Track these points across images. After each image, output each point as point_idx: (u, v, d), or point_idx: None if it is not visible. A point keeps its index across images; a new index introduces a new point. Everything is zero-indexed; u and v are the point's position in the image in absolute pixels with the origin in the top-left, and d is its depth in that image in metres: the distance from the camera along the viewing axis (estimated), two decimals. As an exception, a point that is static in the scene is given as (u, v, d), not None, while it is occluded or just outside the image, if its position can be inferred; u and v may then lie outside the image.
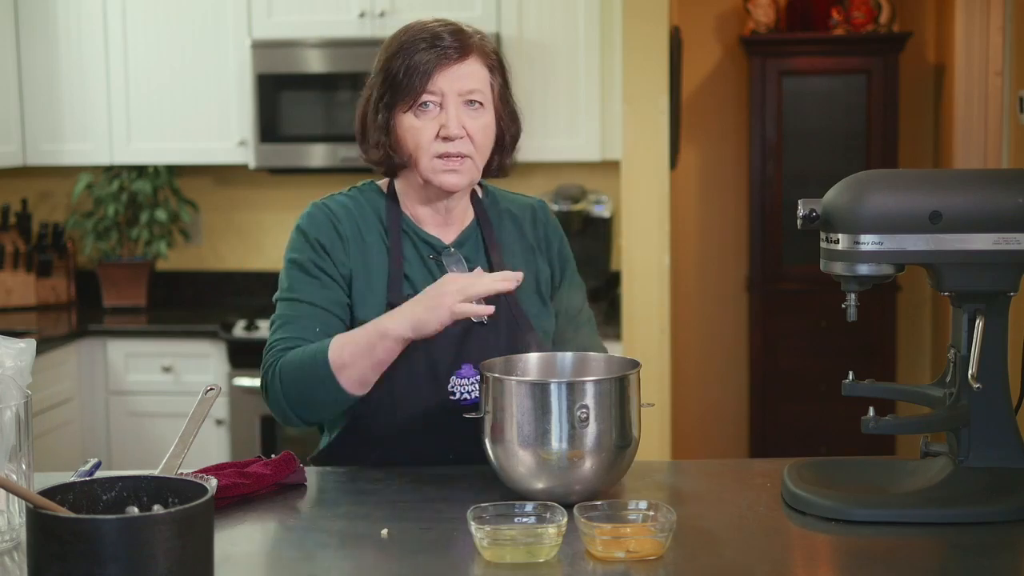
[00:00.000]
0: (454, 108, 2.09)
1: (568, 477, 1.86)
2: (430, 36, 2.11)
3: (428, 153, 2.10)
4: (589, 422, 1.84)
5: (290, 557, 1.72)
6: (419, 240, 2.18)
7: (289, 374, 2.05)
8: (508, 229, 2.24)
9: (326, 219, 2.17)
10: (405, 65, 2.09)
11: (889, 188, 1.84)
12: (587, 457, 1.85)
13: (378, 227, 2.17)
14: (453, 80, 2.09)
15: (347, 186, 2.32)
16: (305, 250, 2.15)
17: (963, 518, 1.79)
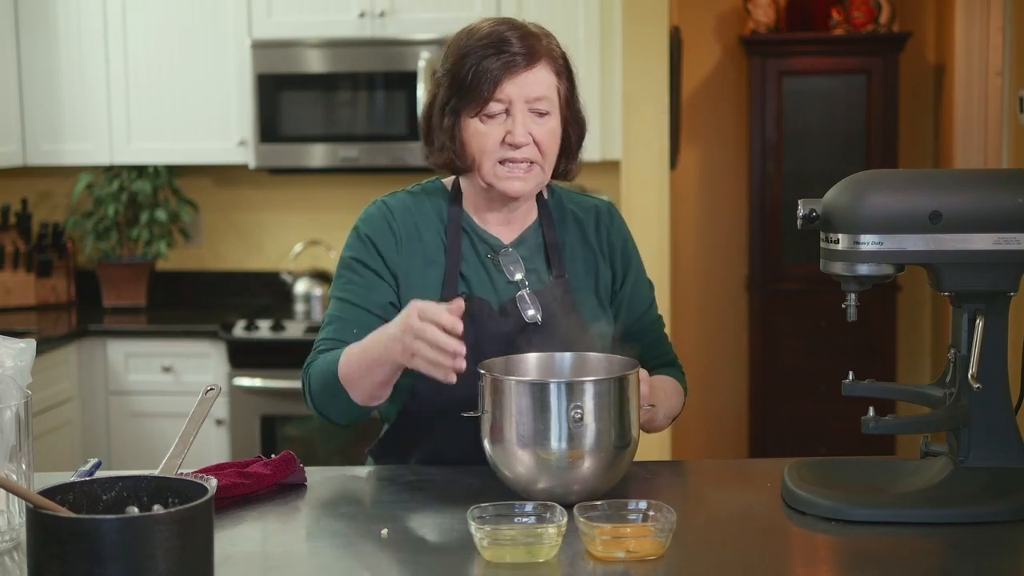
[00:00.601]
0: (521, 115, 2.07)
1: (567, 477, 1.85)
2: (498, 41, 2.08)
3: (492, 158, 2.09)
4: (584, 423, 1.84)
5: (290, 557, 1.72)
6: (478, 239, 2.17)
7: (315, 379, 2.08)
8: (571, 231, 2.23)
9: (381, 216, 2.18)
10: (473, 71, 2.07)
11: (889, 188, 1.84)
12: (586, 457, 1.85)
13: (437, 225, 2.17)
14: (521, 87, 2.07)
15: (348, 186, 2.32)
16: (357, 248, 2.16)
17: (963, 518, 1.79)
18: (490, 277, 2.15)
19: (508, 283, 2.15)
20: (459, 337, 1.85)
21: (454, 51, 2.12)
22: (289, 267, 4.90)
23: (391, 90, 4.46)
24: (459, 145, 2.11)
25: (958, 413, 1.86)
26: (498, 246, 2.17)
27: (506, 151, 2.08)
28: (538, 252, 2.19)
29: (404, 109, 4.44)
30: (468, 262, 2.15)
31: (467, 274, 2.14)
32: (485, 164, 2.09)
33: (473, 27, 2.16)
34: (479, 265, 2.15)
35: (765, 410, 5.49)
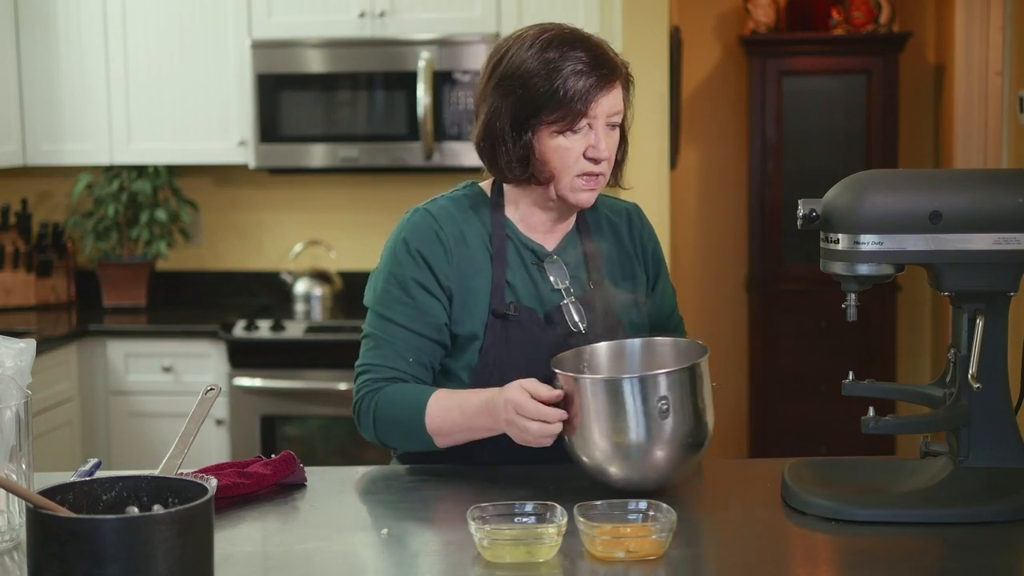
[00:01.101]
0: (603, 130, 2.07)
1: (651, 467, 1.87)
2: (589, 58, 2.05)
3: (571, 172, 2.08)
4: (669, 413, 1.86)
5: (290, 557, 1.72)
6: (522, 246, 2.16)
7: (385, 418, 2.07)
8: (607, 235, 2.23)
9: (428, 227, 2.13)
10: (565, 87, 2.03)
11: (889, 188, 1.84)
12: (667, 446, 1.87)
13: (482, 231, 2.15)
14: (608, 104, 2.07)
15: (348, 186, 2.31)
16: (407, 264, 2.12)
17: (963, 518, 1.79)
18: (535, 285, 2.14)
19: (552, 291, 2.14)
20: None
21: (535, 63, 2.06)
22: (289, 267, 4.90)
23: (391, 90, 4.46)
24: (540, 159, 2.08)
25: (958, 413, 1.86)
26: (543, 253, 2.16)
27: (587, 165, 2.07)
28: (578, 259, 2.19)
29: (404, 109, 4.44)
30: (514, 270, 2.14)
31: (513, 282, 2.13)
32: (564, 178, 2.08)
33: (546, 37, 2.08)
34: (524, 273, 2.14)
35: (765, 410, 5.49)
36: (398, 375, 2.10)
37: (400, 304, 2.11)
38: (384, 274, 2.15)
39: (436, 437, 2.04)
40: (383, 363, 2.10)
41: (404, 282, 2.12)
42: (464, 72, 4.40)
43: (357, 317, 4.52)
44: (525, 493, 1.94)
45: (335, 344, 4.33)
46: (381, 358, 2.11)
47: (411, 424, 2.04)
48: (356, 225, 4.90)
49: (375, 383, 2.10)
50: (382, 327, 2.12)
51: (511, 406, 1.92)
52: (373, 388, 2.09)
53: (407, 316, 2.11)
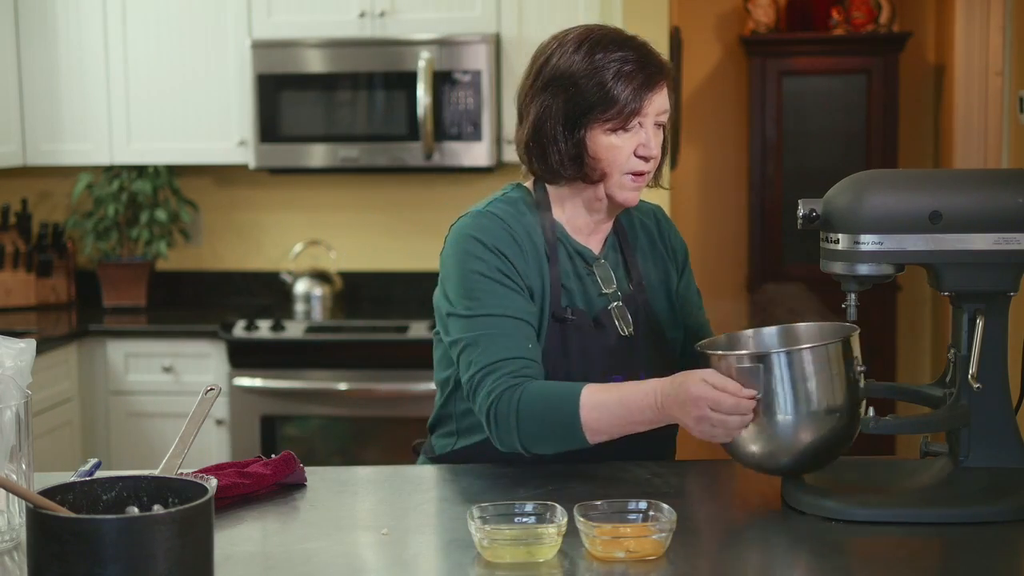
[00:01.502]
0: (652, 128, 2.08)
1: (840, 435, 1.86)
2: (637, 56, 2.06)
3: (621, 171, 2.08)
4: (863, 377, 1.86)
5: (290, 557, 1.72)
6: (572, 250, 2.15)
7: (532, 417, 1.96)
8: (641, 236, 2.23)
9: (499, 227, 2.09)
10: (617, 85, 2.04)
11: (889, 188, 1.84)
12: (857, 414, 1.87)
13: (538, 233, 2.13)
14: (657, 102, 2.08)
15: (348, 186, 2.31)
16: (489, 259, 2.06)
17: (963, 518, 1.79)
18: (584, 288, 2.13)
19: (599, 295, 2.14)
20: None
21: (585, 63, 2.07)
22: (289, 267, 4.90)
23: (391, 90, 4.46)
24: (591, 158, 2.08)
25: (958, 413, 1.86)
26: (591, 257, 2.16)
27: (637, 163, 2.08)
28: (617, 262, 2.19)
29: (404, 109, 4.44)
30: (567, 274, 2.13)
31: (567, 285, 2.12)
32: (614, 176, 2.08)
33: (594, 38, 2.10)
34: (575, 276, 2.14)
35: (765, 410, 5.48)
36: (527, 364, 2.00)
37: (495, 296, 2.04)
38: (461, 276, 2.07)
39: (591, 434, 1.95)
40: (505, 356, 2.00)
41: (491, 274, 2.05)
42: (464, 72, 4.40)
43: (357, 317, 4.53)
44: (525, 493, 1.94)
45: (335, 344, 4.33)
46: (500, 352, 2.00)
47: (563, 421, 1.94)
48: (356, 225, 4.90)
49: (510, 380, 1.99)
50: (484, 324, 2.03)
51: (703, 403, 1.83)
52: (510, 385, 1.98)
53: (507, 304, 2.04)
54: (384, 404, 4.29)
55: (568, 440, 1.97)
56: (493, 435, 2.01)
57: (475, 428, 2.12)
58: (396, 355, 4.30)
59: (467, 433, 2.16)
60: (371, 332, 4.34)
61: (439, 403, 2.21)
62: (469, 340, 2.03)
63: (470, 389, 2.03)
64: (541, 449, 2.01)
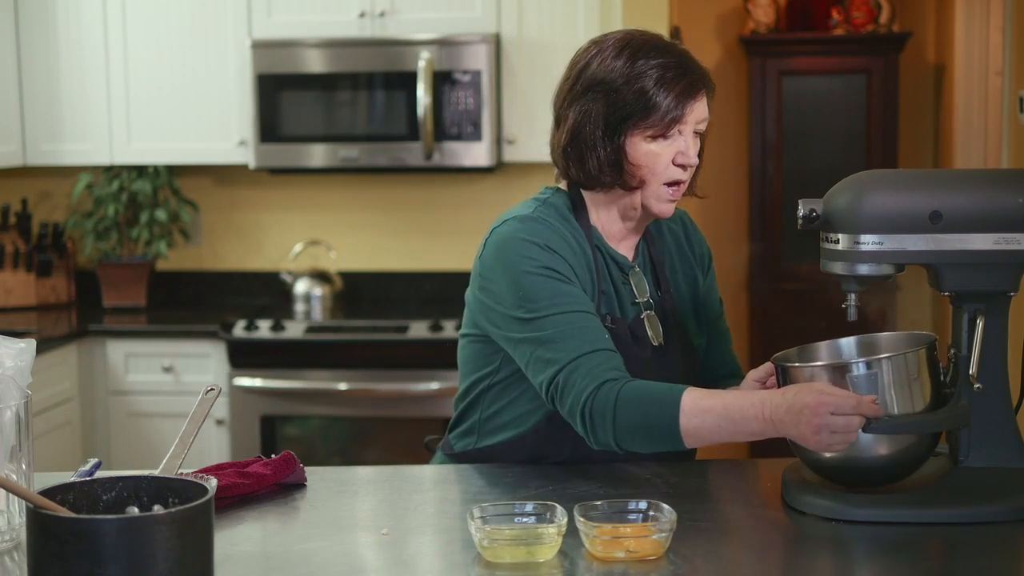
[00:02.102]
0: (691, 137, 2.08)
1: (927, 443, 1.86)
2: (677, 63, 2.05)
3: (660, 179, 2.07)
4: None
5: (290, 557, 1.72)
6: (608, 257, 2.14)
7: (630, 413, 1.92)
8: (669, 242, 2.23)
9: (548, 230, 2.06)
10: (658, 91, 2.03)
11: (889, 188, 1.84)
12: None
13: (580, 237, 2.10)
14: (697, 111, 2.07)
15: (348, 186, 2.30)
16: (543, 258, 2.02)
17: (963, 518, 1.79)
18: (619, 296, 2.12)
19: (632, 304, 2.13)
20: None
21: (620, 69, 2.05)
22: (289, 267, 4.90)
23: (391, 90, 4.46)
24: (630, 164, 2.06)
25: (958, 413, 1.86)
26: (626, 265, 2.15)
27: (675, 172, 2.07)
28: (646, 269, 2.18)
29: (404, 109, 4.44)
30: (604, 280, 2.12)
31: (606, 291, 2.11)
32: (652, 184, 2.07)
33: (636, 43, 2.08)
34: (610, 283, 2.12)
35: (765, 410, 5.48)
36: (612, 357, 1.96)
37: (559, 294, 2.00)
38: (518, 278, 2.02)
39: (688, 438, 1.91)
40: (589, 350, 1.96)
41: (549, 273, 2.01)
42: (464, 72, 4.40)
43: (357, 317, 4.53)
44: (525, 493, 1.94)
45: (335, 344, 4.33)
46: (583, 346, 1.96)
47: (662, 423, 1.90)
48: (356, 225, 4.90)
49: (603, 374, 1.94)
50: (555, 323, 1.98)
51: (824, 408, 1.77)
52: (607, 379, 1.93)
53: (574, 300, 2.00)
54: (384, 404, 4.29)
55: (665, 442, 1.92)
56: (587, 432, 1.95)
57: (499, 429, 2.12)
58: (396, 355, 4.30)
59: (490, 434, 2.15)
60: (371, 332, 4.34)
61: (463, 403, 2.19)
62: (541, 339, 1.98)
63: (554, 388, 1.97)
64: (636, 448, 1.96)
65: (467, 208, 4.82)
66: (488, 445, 2.15)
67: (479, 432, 2.17)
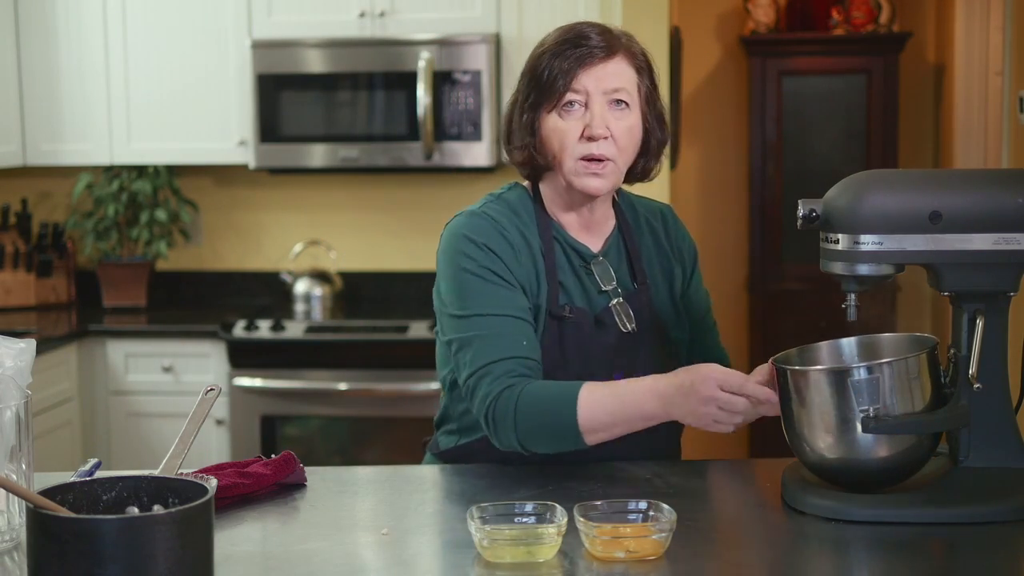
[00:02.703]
0: (599, 107, 2.06)
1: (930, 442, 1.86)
2: (575, 36, 2.09)
3: (572, 155, 2.07)
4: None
5: (290, 557, 1.72)
6: (569, 247, 2.14)
7: (529, 414, 1.96)
8: (647, 236, 2.22)
9: (492, 228, 2.09)
10: (550, 65, 2.07)
11: (889, 188, 1.84)
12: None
13: (534, 231, 2.12)
14: (598, 79, 2.07)
15: (348, 186, 2.31)
16: (480, 257, 2.06)
17: (963, 518, 1.79)
18: (583, 286, 2.13)
19: (600, 293, 2.14)
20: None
21: (535, 50, 2.13)
22: (289, 267, 4.90)
23: (391, 90, 4.46)
24: (539, 142, 2.09)
25: (958, 413, 1.86)
26: (588, 255, 2.15)
27: (585, 146, 2.06)
28: (621, 259, 2.18)
29: (404, 109, 4.44)
30: (563, 271, 2.13)
31: (565, 283, 2.12)
32: (566, 161, 2.07)
33: (558, 28, 2.16)
34: (572, 274, 2.13)
35: (765, 410, 5.48)
36: (524, 363, 2.00)
37: (486, 295, 2.04)
38: (454, 275, 2.07)
39: (588, 434, 1.95)
40: (500, 357, 2.00)
41: (482, 273, 2.05)
42: (464, 72, 4.40)
43: (357, 317, 4.53)
44: (525, 493, 1.94)
45: (335, 344, 4.33)
46: (495, 352, 2.01)
47: (560, 421, 1.94)
48: (356, 225, 4.90)
49: (507, 380, 1.99)
50: (477, 325, 2.03)
51: (712, 382, 1.85)
52: (508, 385, 1.98)
53: (501, 303, 2.03)
54: (384, 404, 4.29)
55: (566, 440, 1.97)
56: (492, 435, 2.01)
57: (475, 426, 2.13)
58: (396, 355, 4.30)
59: (468, 431, 2.16)
60: (371, 332, 4.34)
61: (443, 401, 2.22)
62: (463, 341, 2.04)
63: (467, 390, 2.04)
64: (540, 448, 2.01)
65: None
66: (468, 442, 2.16)
67: (459, 431, 2.18)
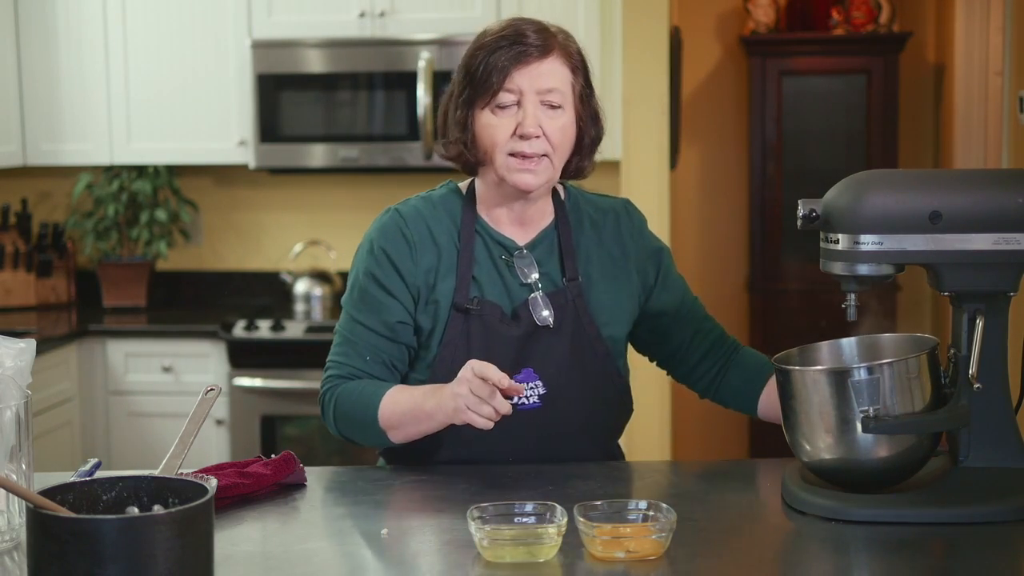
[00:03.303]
0: (532, 107, 2.07)
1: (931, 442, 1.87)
2: (512, 33, 2.09)
3: (503, 151, 2.08)
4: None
5: (290, 557, 1.72)
6: (492, 241, 2.15)
7: (342, 411, 2.13)
8: (587, 233, 2.21)
9: (394, 226, 2.16)
10: (485, 62, 2.07)
11: (889, 188, 1.84)
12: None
13: (451, 229, 2.15)
14: (533, 79, 2.07)
15: (348, 186, 2.33)
16: (370, 264, 2.16)
17: (963, 518, 1.79)
18: (503, 280, 2.13)
19: (522, 286, 2.13)
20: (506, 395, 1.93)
21: (472, 45, 2.13)
22: (289, 267, 4.90)
23: (391, 90, 4.46)
24: (471, 138, 2.10)
25: (958, 413, 1.86)
26: (512, 247, 2.16)
27: (516, 143, 2.07)
28: (552, 254, 2.17)
29: (404, 109, 4.44)
30: (481, 265, 2.13)
31: (479, 277, 2.13)
32: (497, 157, 2.08)
33: (495, 23, 2.16)
34: (492, 268, 2.14)
35: (765, 410, 5.48)
36: (356, 372, 2.14)
37: (361, 304, 2.15)
38: (353, 274, 2.20)
39: (389, 431, 2.06)
40: (344, 360, 2.16)
41: (366, 283, 2.15)
42: (464, 72, 4.39)
43: (357, 317, 4.53)
44: (525, 493, 1.94)
45: (335, 344, 4.33)
46: (343, 356, 2.16)
47: (365, 418, 2.07)
48: (356, 225, 4.88)
49: (335, 380, 2.15)
50: (347, 326, 2.17)
51: (468, 366, 1.93)
52: (333, 385, 2.15)
53: (366, 315, 2.14)
54: (384, 404, 4.29)
55: (374, 437, 2.09)
56: (325, 423, 2.19)
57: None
58: (396, 355, 4.30)
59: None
60: (371, 332, 4.34)
61: None
62: (336, 332, 2.20)
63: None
64: (354, 439, 2.15)
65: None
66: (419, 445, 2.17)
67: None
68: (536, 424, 2.09)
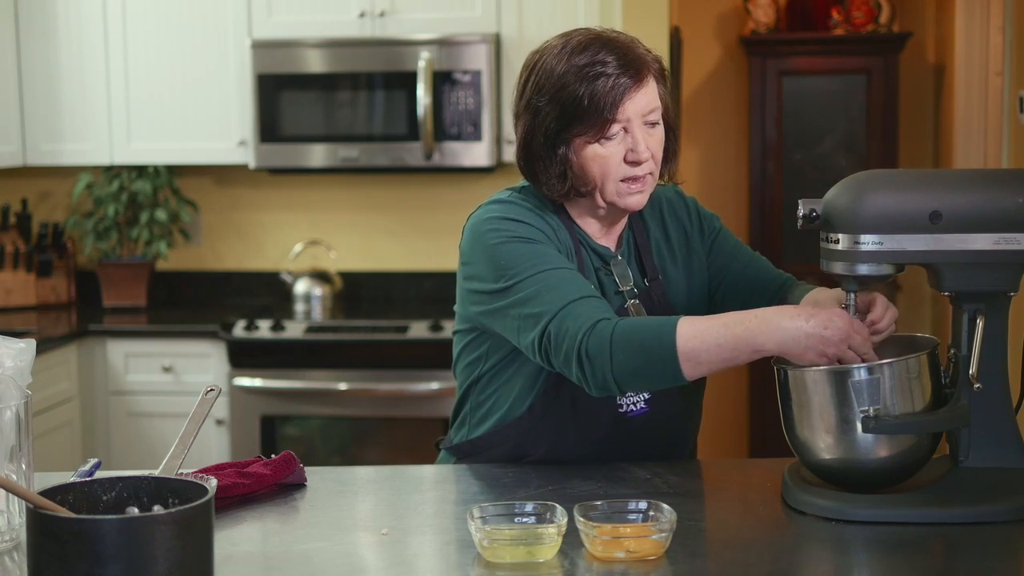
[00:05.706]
0: (640, 132, 2.03)
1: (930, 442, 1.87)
2: (603, 59, 2.01)
3: (613, 179, 2.04)
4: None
5: (290, 557, 1.72)
6: (590, 249, 2.12)
7: (625, 347, 1.87)
8: (653, 228, 2.20)
9: (520, 207, 2.07)
10: (589, 93, 1.99)
11: (889, 188, 1.84)
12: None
13: (558, 226, 2.10)
14: (639, 106, 2.02)
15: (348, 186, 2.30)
16: (517, 229, 2.02)
17: (963, 518, 1.79)
18: (602, 287, 2.11)
19: (616, 293, 2.12)
20: None
21: (549, 71, 2.04)
22: (289, 267, 4.90)
23: (391, 90, 4.46)
24: (578, 171, 2.04)
25: (958, 413, 1.86)
26: (608, 256, 2.14)
27: (628, 169, 2.04)
28: (632, 257, 2.17)
29: (404, 109, 4.44)
30: (588, 270, 2.11)
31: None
32: (608, 185, 2.04)
33: (571, 44, 2.05)
34: (593, 276, 2.11)
35: (765, 410, 5.49)
36: (598, 302, 1.94)
37: (537, 255, 1.99)
38: (492, 251, 2.02)
39: (687, 363, 1.86)
40: (577, 296, 1.93)
41: (520, 239, 2.01)
42: (464, 72, 4.40)
43: (357, 317, 4.53)
44: (525, 493, 1.94)
45: (335, 344, 4.33)
46: (570, 293, 1.93)
47: (658, 351, 1.85)
48: (356, 225, 4.90)
49: (597, 314, 1.91)
50: (536, 281, 1.96)
51: (842, 330, 1.82)
52: (600, 319, 1.90)
53: (554, 259, 1.98)
54: (384, 404, 4.29)
55: (664, 371, 1.87)
56: (583, 373, 1.90)
57: (484, 418, 2.14)
58: (396, 355, 4.30)
59: (478, 424, 2.17)
60: (371, 332, 4.34)
61: (458, 396, 2.22)
62: (525, 298, 1.96)
63: (545, 340, 1.93)
64: (634, 385, 1.93)
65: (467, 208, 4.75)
66: (476, 436, 2.16)
67: (469, 423, 2.18)
68: (644, 428, 2.10)
